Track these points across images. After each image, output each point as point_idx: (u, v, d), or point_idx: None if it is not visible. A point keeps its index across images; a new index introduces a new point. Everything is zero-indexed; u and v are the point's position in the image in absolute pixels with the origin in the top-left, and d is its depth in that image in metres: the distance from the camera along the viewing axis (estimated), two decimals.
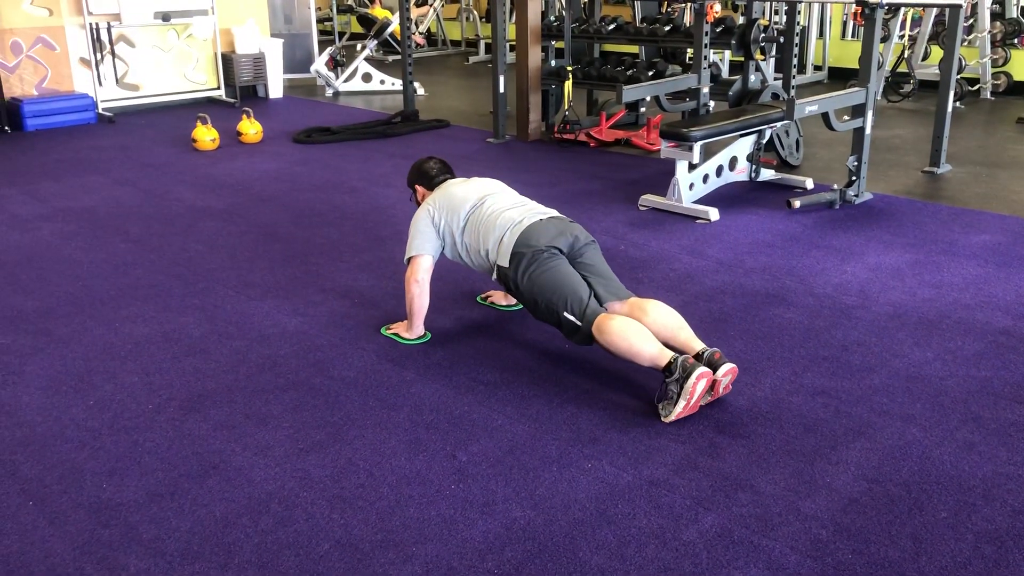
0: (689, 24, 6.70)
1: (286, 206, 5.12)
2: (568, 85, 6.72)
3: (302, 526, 2.21)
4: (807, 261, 4.04)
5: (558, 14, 8.23)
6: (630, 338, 2.74)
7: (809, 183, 5.29)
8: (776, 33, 6.43)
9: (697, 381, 2.59)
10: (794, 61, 6.42)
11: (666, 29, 6.60)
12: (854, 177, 4.91)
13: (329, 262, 4.15)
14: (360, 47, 9.84)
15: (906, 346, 3.16)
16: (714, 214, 4.69)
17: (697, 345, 2.82)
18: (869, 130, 4.88)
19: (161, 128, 7.54)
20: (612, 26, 6.93)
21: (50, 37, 7.76)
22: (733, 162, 5.09)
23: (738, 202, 5.00)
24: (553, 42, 7.34)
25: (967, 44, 8.17)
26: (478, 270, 3.23)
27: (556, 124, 6.89)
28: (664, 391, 2.67)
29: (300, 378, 2.98)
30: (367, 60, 9.70)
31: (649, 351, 2.71)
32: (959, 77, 7.64)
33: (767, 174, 5.32)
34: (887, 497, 2.29)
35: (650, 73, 6.51)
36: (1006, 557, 2.06)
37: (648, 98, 6.02)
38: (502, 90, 6.79)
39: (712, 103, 6.33)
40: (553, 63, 7.21)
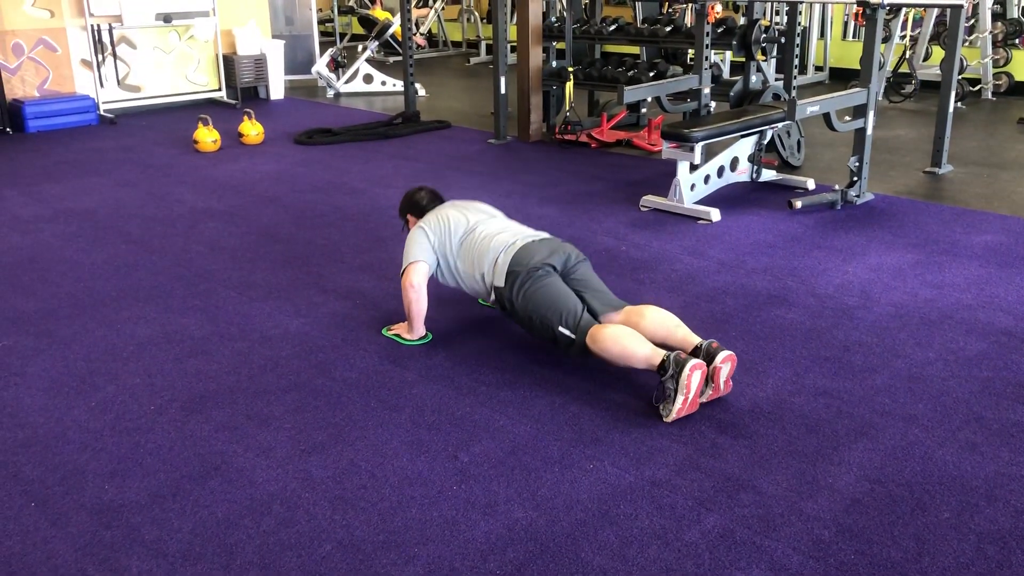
0: (690, 25, 6.69)
1: (287, 207, 5.12)
2: (569, 86, 6.72)
3: (304, 527, 2.21)
4: (809, 262, 4.04)
5: (559, 15, 8.24)
6: (622, 341, 2.77)
7: (810, 184, 5.29)
8: (777, 34, 6.43)
9: (691, 373, 2.60)
10: (795, 62, 6.43)
11: (667, 30, 6.61)
12: (855, 177, 4.90)
13: (330, 263, 4.15)
14: (361, 48, 9.84)
15: (908, 346, 3.15)
16: (715, 215, 4.69)
17: (695, 340, 2.83)
18: (870, 131, 4.88)
19: (162, 129, 7.54)
20: (613, 27, 6.94)
21: (51, 39, 7.76)
22: (734, 163, 5.08)
23: (739, 203, 4.99)
24: (554, 43, 7.34)
25: (968, 45, 8.17)
26: (472, 294, 3.28)
27: (557, 125, 6.89)
28: (662, 391, 2.68)
29: (302, 379, 2.99)
30: (368, 61, 9.70)
31: (642, 352, 2.74)
32: (960, 77, 7.64)
33: (768, 175, 5.32)
34: (889, 498, 2.28)
35: (651, 74, 6.51)
36: (1009, 558, 2.06)
37: (649, 99, 6.01)
38: (503, 91, 6.79)
39: (713, 104, 6.34)
40: (554, 64, 7.21)
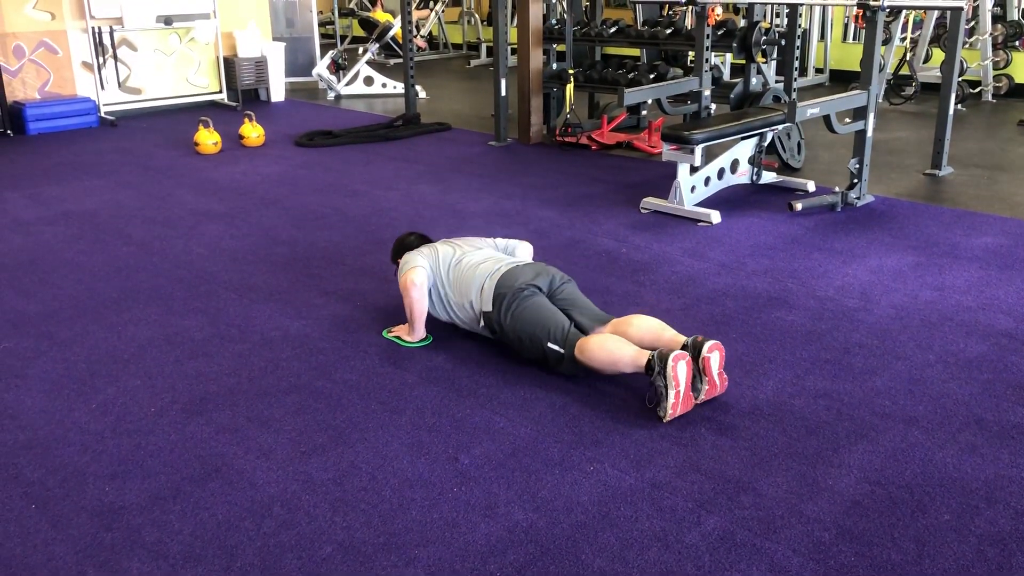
0: (690, 27, 6.69)
1: (288, 209, 5.13)
2: (570, 88, 6.73)
3: (304, 529, 2.21)
4: (809, 263, 4.04)
5: (559, 17, 8.25)
6: (608, 346, 2.82)
7: (811, 186, 5.29)
8: (777, 36, 6.44)
9: (675, 364, 2.61)
10: (795, 64, 6.44)
11: (667, 32, 6.62)
12: (856, 179, 4.90)
13: (331, 265, 4.15)
14: (362, 51, 9.86)
15: (908, 348, 3.16)
16: (716, 217, 4.69)
17: (682, 339, 2.85)
18: (871, 133, 4.88)
19: (163, 132, 7.55)
20: (613, 29, 6.94)
21: (52, 41, 7.77)
22: (735, 165, 5.09)
23: (740, 205, 5.00)
24: (554, 45, 7.34)
25: (968, 47, 8.18)
26: (465, 326, 3.26)
27: (558, 127, 6.90)
28: (654, 391, 2.70)
29: (302, 381, 2.99)
30: (369, 63, 9.71)
31: (628, 354, 2.78)
32: (960, 80, 7.64)
33: (768, 177, 5.32)
34: (890, 500, 2.28)
35: (651, 76, 6.52)
36: (1009, 560, 2.06)
37: (649, 101, 6.01)
38: (503, 93, 6.80)
39: (714, 106, 6.35)
40: (554, 66, 7.22)
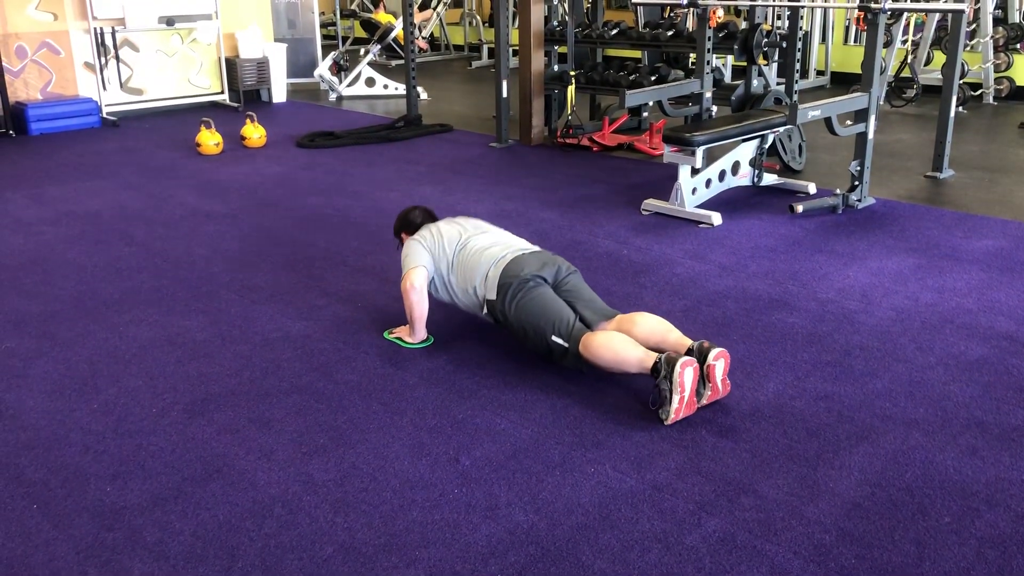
0: (692, 29, 6.70)
1: (289, 210, 5.13)
2: (571, 90, 6.73)
3: (305, 530, 2.21)
4: (810, 265, 4.04)
5: (561, 19, 8.25)
6: (614, 346, 2.80)
7: (812, 188, 5.29)
8: (779, 38, 6.44)
9: (682, 371, 2.61)
10: (797, 66, 6.44)
11: (669, 34, 6.62)
12: (857, 182, 4.91)
13: (332, 266, 4.16)
14: (363, 52, 9.86)
15: (909, 351, 3.16)
16: (717, 218, 4.69)
17: (687, 343, 2.85)
18: (872, 135, 4.88)
19: (165, 132, 7.56)
20: (615, 31, 6.95)
21: (55, 42, 7.78)
22: (736, 166, 5.09)
23: (741, 206, 5.00)
24: (556, 47, 7.35)
25: (969, 49, 8.17)
26: (466, 309, 3.27)
27: (559, 128, 6.90)
28: (658, 393, 2.69)
29: (303, 382, 2.99)
30: (370, 65, 9.71)
31: (635, 355, 2.76)
32: (962, 82, 7.64)
33: (770, 178, 5.32)
34: (890, 502, 2.28)
35: (653, 78, 6.52)
36: (1010, 563, 2.06)
37: (651, 103, 6.03)
38: (505, 95, 6.80)
39: (715, 108, 6.35)
40: (556, 68, 7.22)
